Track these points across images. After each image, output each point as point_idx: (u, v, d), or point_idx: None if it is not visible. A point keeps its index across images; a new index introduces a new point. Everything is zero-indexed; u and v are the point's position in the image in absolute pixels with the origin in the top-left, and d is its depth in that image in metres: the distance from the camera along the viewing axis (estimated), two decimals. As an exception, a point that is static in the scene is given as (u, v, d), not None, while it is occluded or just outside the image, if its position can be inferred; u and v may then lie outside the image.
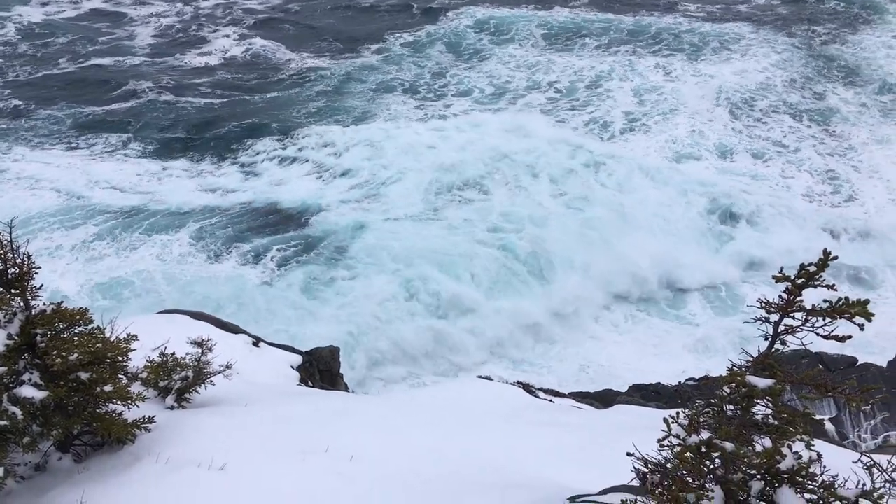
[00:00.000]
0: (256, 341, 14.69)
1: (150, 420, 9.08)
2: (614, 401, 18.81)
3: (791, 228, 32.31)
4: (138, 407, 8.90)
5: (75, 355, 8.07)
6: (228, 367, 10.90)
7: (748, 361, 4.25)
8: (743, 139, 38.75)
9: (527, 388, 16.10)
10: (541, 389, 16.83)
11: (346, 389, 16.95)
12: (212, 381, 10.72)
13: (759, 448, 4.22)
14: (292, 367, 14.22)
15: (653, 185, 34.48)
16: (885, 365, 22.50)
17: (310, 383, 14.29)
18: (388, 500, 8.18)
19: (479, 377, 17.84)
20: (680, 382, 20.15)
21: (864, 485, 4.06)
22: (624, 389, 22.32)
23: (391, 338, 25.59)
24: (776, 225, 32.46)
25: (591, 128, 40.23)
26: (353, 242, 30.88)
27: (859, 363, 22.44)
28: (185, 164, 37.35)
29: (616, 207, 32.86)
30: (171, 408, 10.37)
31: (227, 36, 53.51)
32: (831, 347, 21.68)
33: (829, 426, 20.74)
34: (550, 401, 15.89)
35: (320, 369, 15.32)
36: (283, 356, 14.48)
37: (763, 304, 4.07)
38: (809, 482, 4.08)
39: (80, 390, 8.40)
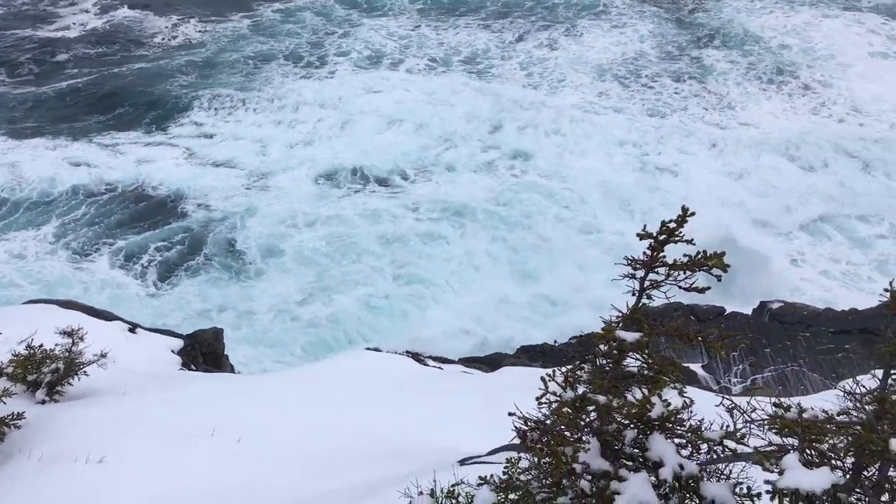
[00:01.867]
0: (133, 327, 14.11)
1: (20, 416, 8.60)
2: (501, 363, 19.23)
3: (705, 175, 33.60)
4: (5, 403, 8.42)
5: (-72, 354, 7.53)
6: (103, 355, 10.43)
7: (618, 317, 4.41)
8: (636, 103, 39.80)
9: (415, 357, 16.23)
10: (429, 357, 17.01)
11: (232, 370, 16.58)
12: (85, 372, 10.23)
13: (632, 399, 4.40)
14: (173, 351, 13.76)
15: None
16: (750, 313, 24.00)
17: (193, 367, 13.88)
18: (277, 479, 8.10)
19: (368, 349, 17.84)
20: (555, 341, 20.81)
21: (727, 426, 4.30)
22: (512, 352, 22.89)
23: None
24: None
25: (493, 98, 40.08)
26: (240, 237, 28.79)
27: (727, 312, 23.83)
28: (43, 146, 34.16)
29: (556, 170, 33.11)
30: (43, 402, 9.85)
31: (88, 7, 49.96)
32: (702, 299, 22.94)
33: (701, 373, 21.97)
34: (439, 368, 16.08)
35: (203, 352, 14.89)
36: (162, 341, 13.99)
37: (629, 261, 4.23)
38: (678, 427, 4.28)
39: (-64, 391, 7.86)
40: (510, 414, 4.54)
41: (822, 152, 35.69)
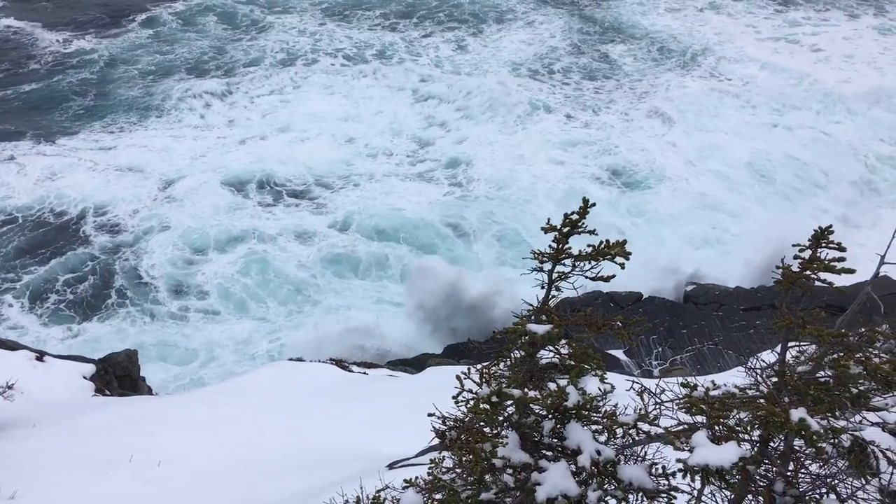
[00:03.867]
0: (41, 355, 13.51)
1: (-81, 459, 8.13)
2: (427, 364, 19.25)
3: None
4: None
5: None
6: (9, 387, 9.96)
7: (529, 310, 4.47)
8: (559, 98, 40.23)
9: (340, 364, 16.09)
10: (354, 364, 16.89)
11: (150, 392, 16.06)
12: (-10, 406, 9.76)
13: (548, 390, 4.45)
14: (85, 377, 13.23)
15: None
16: (667, 297, 24.74)
17: (107, 392, 13.39)
18: (200, 498, 7.89)
19: (291, 359, 17.57)
20: (469, 340, 20.93)
21: (640, 409, 4.39)
22: (440, 352, 22.96)
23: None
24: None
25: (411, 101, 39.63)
26: (151, 266, 27.20)
27: (645, 297, 24.49)
28: None
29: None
30: (-55, 441, 9.33)
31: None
32: (619, 286, 23.50)
33: (624, 359, 22.51)
34: (364, 373, 15.99)
35: (118, 375, 14.38)
36: (73, 367, 13.43)
37: (536, 255, 4.29)
38: (594, 414, 4.36)
39: None
40: (430, 415, 4.54)
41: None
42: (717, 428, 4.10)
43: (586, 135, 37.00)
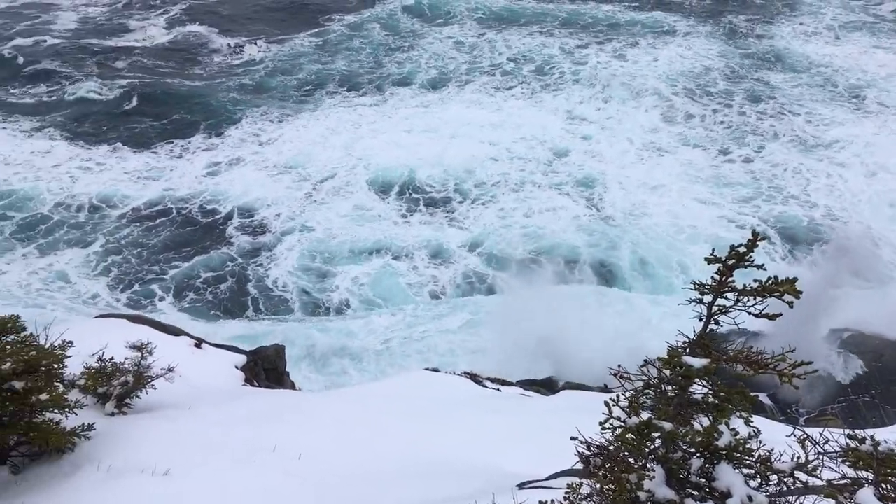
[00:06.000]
0: (199, 342, 14.43)
1: (90, 427, 8.85)
2: (560, 387, 19.05)
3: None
4: (76, 415, 8.67)
5: (8, 364, 7.84)
6: (170, 370, 10.67)
7: (685, 342, 4.35)
8: (712, 125, 39.05)
9: (473, 377, 16.18)
10: (488, 379, 16.94)
11: (293, 388, 16.78)
12: (153, 386, 10.49)
13: (697, 427, 4.31)
14: (236, 367, 14.01)
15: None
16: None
17: (255, 383, 14.11)
18: (339, 497, 8.15)
19: (426, 369, 17.86)
20: (619, 366, 20.41)
21: (798, 458, 4.18)
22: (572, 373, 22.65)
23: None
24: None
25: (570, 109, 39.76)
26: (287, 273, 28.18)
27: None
28: (98, 156, 34.97)
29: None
30: (112, 414, 10.12)
31: (157, 21, 51.91)
32: (765, 325, 22.35)
33: (767, 402, 21.38)
34: (497, 390, 16.00)
35: (266, 368, 15.13)
36: (226, 357, 14.26)
37: (697, 286, 4.17)
38: (746, 457, 4.19)
39: (14, 400, 8.16)
40: (572, 438, 4.50)
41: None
42: (884, 486, 3.83)
43: (745, 175, 35.15)
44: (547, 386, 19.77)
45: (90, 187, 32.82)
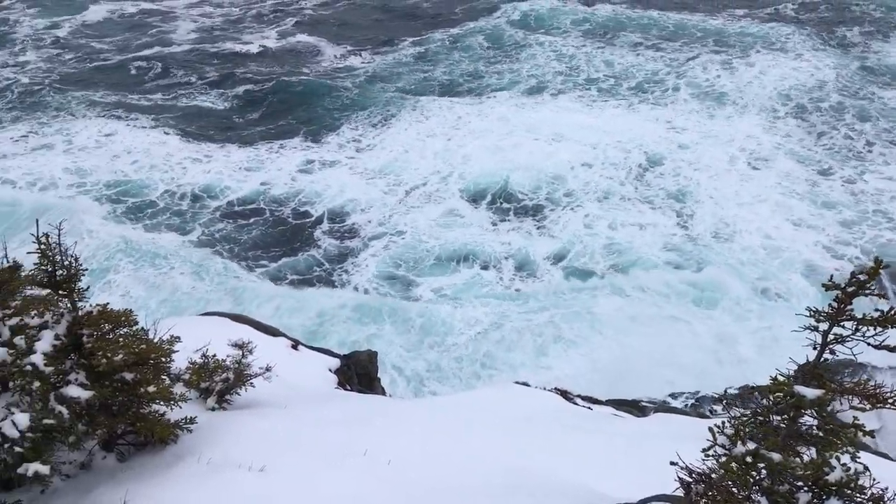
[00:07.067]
0: (295, 344, 14.84)
1: (192, 421, 9.20)
2: (652, 409, 18.62)
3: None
4: (181, 408, 9.03)
5: (120, 356, 8.21)
6: (268, 369, 11.00)
7: (795, 371, 4.17)
8: (815, 141, 37.53)
9: (564, 394, 16.00)
10: (578, 396, 16.72)
11: (384, 393, 17.02)
12: (252, 384, 10.83)
13: (805, 459, 4.13)
14: (330, 370, 14.32)
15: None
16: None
17: (348, 387, 14.38)
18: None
19: (517, 383, 17.78)
20: (725, 390, 19.80)
21: (915, 499, 3.96)
22: (662, 397, 22.15)
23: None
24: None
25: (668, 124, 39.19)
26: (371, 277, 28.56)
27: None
28: (206, 150, 37.54)
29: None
30: (213, 409, 10.50)
31: (269, 32, 54.52)
32: (878, 357, 21.17)
33: (872, 438, 20.28)
34: (588, 408, 15.78)
35: (358, 373, 15.40)
36: (321, 360, 14.60)
37: (812, 313, 4.00)
38: (858, 495, 3.99)
39: (124, 390, 8.55)
40: (672, 463, 4.38)
41: None
42: None
43: (847, 196, 33.47)
44: (638, 407, 19.35)
45: (196, 178, 35.04)
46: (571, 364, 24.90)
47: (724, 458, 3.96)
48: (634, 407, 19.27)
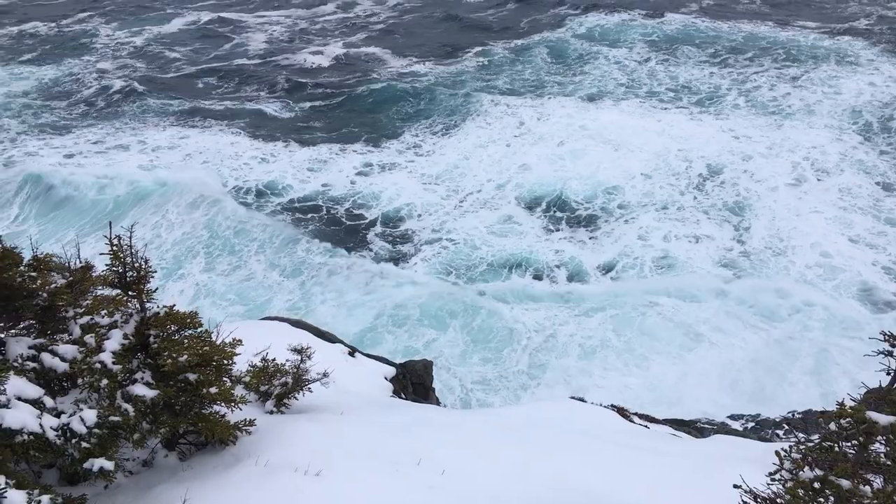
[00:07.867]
0: (352, 351, 14.97)
1: (251, 423, 9.36)
2: (711, 430, 18.22)
3: None
4: (241, 409, 9.19)
5: (185, 357, 8.41)
6: (326, 375, 11.13)
7: (867, 396, 4.03)
8: (879, 156, 36.48)
9: (621, 411, 15.76)
10: (635, 414, 16.45)
11: (438, 403, 17.03)
12: (310, 389, 10.97)
13: (875, 487, 3.99)
14: (386, 378, 14.40)
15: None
16: None
17: (402, 395, 14.44)
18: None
19: (573, 398, 17.59)
20: (792, 413, 19.29)
21: None
22: (719, 417, 21.68)
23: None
24: None
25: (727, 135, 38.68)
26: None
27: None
28: (273, 151, 39.46)
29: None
30: (271, 412, 10.66)
31: (335, 45, 55.79)
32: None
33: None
34: (645, 426, 15.51)
35: (413, 382, 15.46)
36: (377, 367, 14.70)
37: (887, 337, 3.86)
38: (932, 528, 3.83)
39: (187, 391, 8.75)
40: (736, 486, 4.28)
41: None
42: None
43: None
44: (694, 427, 18.95)
45: (261, 175, 37.14)
46: (623, 380, 24.57)
47: (790, 483, 3.85)
48: (693, 427, 18.88)
